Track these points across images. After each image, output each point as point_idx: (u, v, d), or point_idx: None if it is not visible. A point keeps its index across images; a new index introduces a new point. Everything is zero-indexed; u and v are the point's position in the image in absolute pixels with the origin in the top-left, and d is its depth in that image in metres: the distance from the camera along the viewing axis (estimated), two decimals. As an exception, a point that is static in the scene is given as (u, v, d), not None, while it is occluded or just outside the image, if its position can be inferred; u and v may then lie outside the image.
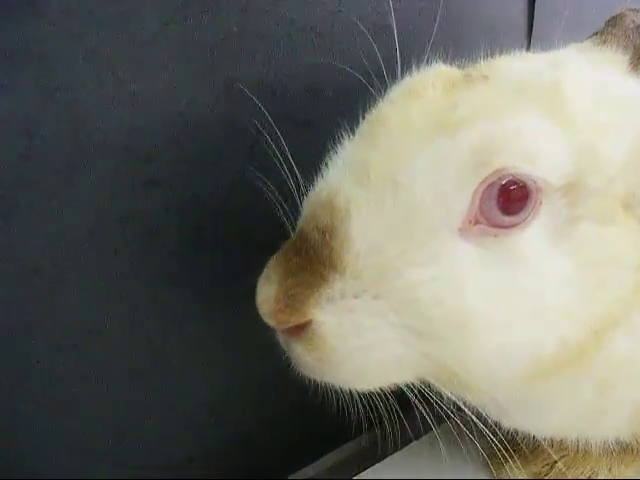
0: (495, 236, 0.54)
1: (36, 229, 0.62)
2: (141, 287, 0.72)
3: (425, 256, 0.53)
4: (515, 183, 0.53)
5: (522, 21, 0.93)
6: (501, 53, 0.65)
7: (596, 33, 0.76)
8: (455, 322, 0.54)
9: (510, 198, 0.53)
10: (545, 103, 0.55)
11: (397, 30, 0.62)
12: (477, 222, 0.54)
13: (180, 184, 0.65)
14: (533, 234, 0.55)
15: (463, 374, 0.57)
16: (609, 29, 0.76)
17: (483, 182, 0.53)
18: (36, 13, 0.57)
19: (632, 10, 0.83)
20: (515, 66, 0.61)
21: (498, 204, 0.53)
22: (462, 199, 0.53)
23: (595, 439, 0.71)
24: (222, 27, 0.63)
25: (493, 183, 0.53)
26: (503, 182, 0.53)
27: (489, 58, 0.64)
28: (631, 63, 0.70)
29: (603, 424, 0.68)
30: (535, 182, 0.53)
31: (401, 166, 0.54)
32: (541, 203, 0.55)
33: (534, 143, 0.53)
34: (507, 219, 0.54)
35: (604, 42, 0.71)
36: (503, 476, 0.79)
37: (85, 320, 0.69)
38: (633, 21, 0.79)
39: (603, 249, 0.57)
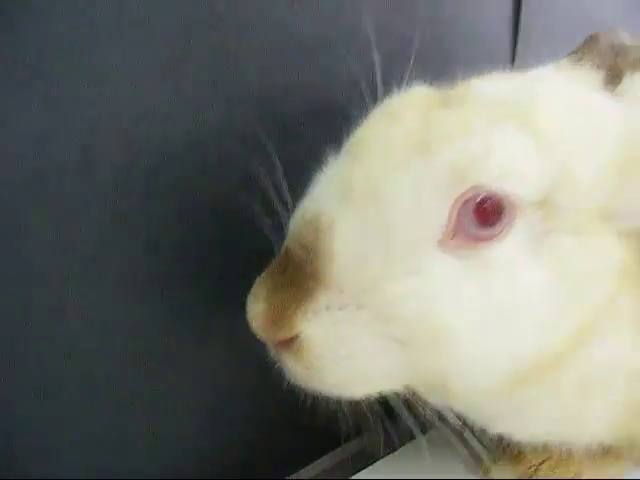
0: (472, 249, 0.57)
1: (44, 244, 0.64)
2: (142, 293, 0.74)
3: (406, 269, 0.56)
4: (490, 198, 0.56)
5: (506, 39, 0.96)
6: (484, 71, 0.68)
7: (573, 52, 0.79)
8: (436, 333, 0.56)
9: (485, 213, 0.56)
10: (520, 121, 0.58)
11: (379, 49, 0.64)
12: (455, 236, 0.57)
13: (181, 198, 0.68)
14: (509, 246, 0.57)
15: (445, 383, 0.60)
16: (585, 48, 0.79)
17: (459, 198, 0.56)
18: (44, 32, 0.59)
19: (608, 31, 0.87)
20: (491, 86, 0.63)
21: (474, 218, 0.56)
22: (440, 214, 0.56)
23: (578, 443, 0.73)
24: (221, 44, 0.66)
25: (469, 199, 0.56)
26: (479, 198, 0.56)
27: (468, 78, 0.66)
28: (605, 81, 0.73)
29: (585, 429, 0.70)
30: (509, 198, 0.56)
31: (382, 184, 0.56)
32: (516, 217, 0.57)
33: (508, 161, 0.56)
34: (483, 232, 0.57)
35: (580, 60, 0.74)
36: (491, 477, 0.81)
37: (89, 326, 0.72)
38: (608, 40, 0.82)
39: (579, 260, 0.59)
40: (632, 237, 0.61)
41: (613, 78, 0.74)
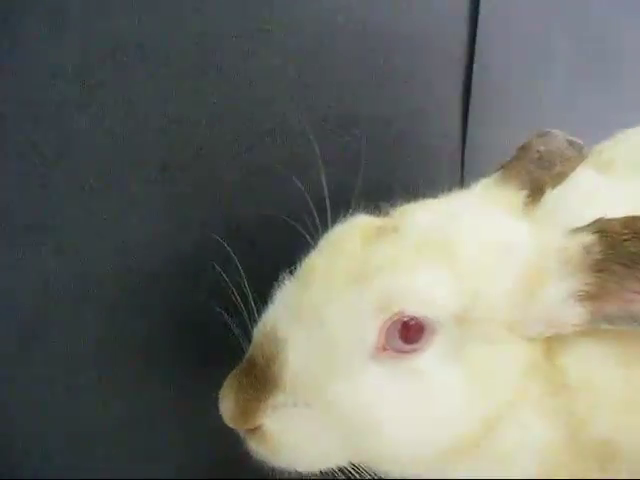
0: (400, 359, 0.70)
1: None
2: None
3: (344, 376, 0.70)
4: (412, 320, 0.69)
5: (456, 147, 1.09)
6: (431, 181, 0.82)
7: (503, 165, 0.92)
8: (368, 427, 0.70)
9: (409, 332, 0.70)
10: (439, 256, 0.71)
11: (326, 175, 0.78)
12: (385, 349, 0.70)
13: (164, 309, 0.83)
14: (430, 356, 0.71)
15: (379, 461, 0.74)
16: (514, 163, 0.92)
17: (387, 321, 0.69)
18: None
19: (540, 136, 0.99)
20: (421, 218, 0.77)
21: (400, 336, 0.70)
22: (371, 333, 0.70)
23: None
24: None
25: (395, 321, 0.69)
26: (403, 320, 0.69)
27: (402, 206, 0.80)
28: (529, 197, 0.86)
29: None
30: (428, 320, 0.70)
31: (324, 309, 0.70)
32: (436, 333, 0.71)
33: (427, 292, 0.69)
34: (408, 347, 0.70)
35: (506, 179, 0.88)
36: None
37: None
38: (538, 151, 0.95)
39: (490, 364, 0.72)
40: (536, 340, 0.75)
41: (536, 192, 0.88)
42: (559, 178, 0.90)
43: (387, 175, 0.89)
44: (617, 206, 0.79)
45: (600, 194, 0.87)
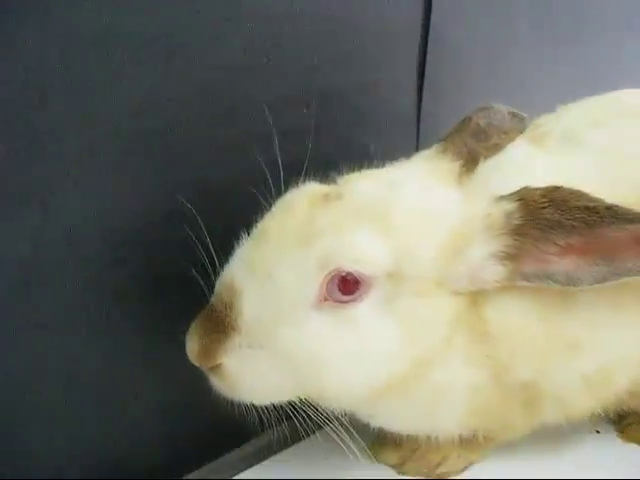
0: (340, 308, 0.82)
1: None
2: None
3: (290, 322, 0.81)
4: (349, 275, 0.81)
5: (411, 119, 1.18)
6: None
7: (443, 138, 1.02)
8: (312, 365, 0.82)
9: (346, 284, 0.81)
10: (377, 220, 0.83)
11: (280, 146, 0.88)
12: (326, 300, 0.82)
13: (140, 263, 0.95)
14: (366, 307, 0.82)
15: (323, 396, 0.86)
16: (453, 135, 1.02)
17: (327, 276, 0.80)
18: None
19: (482, 109, 1.08)
20: (362, 186, 0.87)
21: (338, 288, 0.81)
22: (313, 287, 0.81)
23: (439, 435, 0.98)
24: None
25: (334, 276, 0.81)
26: (341, 276, 0.80)
27: (347, 175, 0.91)
28: (463, 167, 0.96)
29: (439, 426, 0.96)
30: (363, 275, 0.81)
31: (274, 264, 0.82)
32: (371, 286, 0.82)
33: (362, 252, 0.81)
34: (346, 297, 0.82)
35: (444, 151, 0.98)
36: (381, 460, 1.08)
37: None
38: (477, 124, 1.04)
39: (419, 314, 0.84)
40: (461, 294, 0.86)
41: (471, 163, 0.97)
42: (494, 150, 0.99)
43: (344, 147, 0.99)
44: (546, 177, 0.89)
45: (531, 165, 0.96)
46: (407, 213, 0.85)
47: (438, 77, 1.22)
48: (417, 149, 1.08)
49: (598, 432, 1.17)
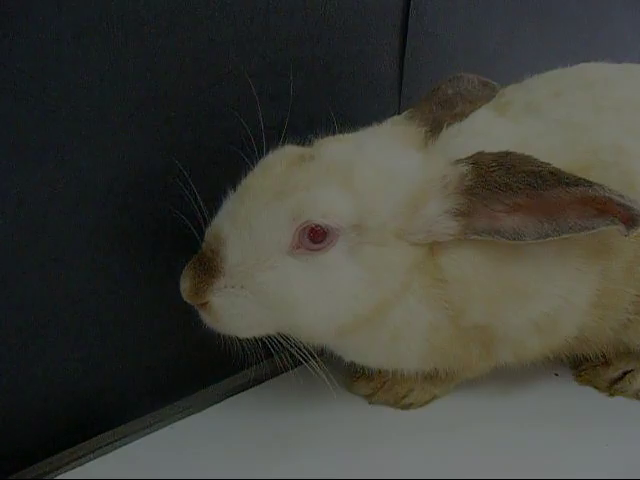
0: (311, 255, 0.94)
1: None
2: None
3: (267, 266, 0.94)
4: (318, 227, 0.92)
5: (393, 86, 1.27)
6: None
7: (413, 105, 1.11)
8: (286, 303, 0.94)
9: (315, 234, 0.93)
10: (342, 179, 0.94)
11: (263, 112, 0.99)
12: (299, 247, 0.94)
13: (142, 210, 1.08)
14: (334, 254, 0.94)
15: (298, 331, 0.98)
16: (422, 103, 1.11)
17: (299, 227, 0.92)
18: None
19: (453, 79, 1.17)
20: (332, 149, 0.98)
21: (309, 237, 0.93)
22: (287, 236, 0.93)
23: (404, 370, 1.11)
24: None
25: (305, 227, 0.92)
26: (311, 226, 0.92)
27: (324, 137, 1.02)
28: (428, 132, 1.06)
29: (402, 362, 1.08)
30: (329, 227, 0.92)
31: (254, 217, 0.94)
32: (338, 235, 0.94)
33: (329, 206, 0.92)
34: (316, 245, 0.93)
35: (412, 117, 1.08)
36: (354, 391, 1.21)
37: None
38: (445, 93, 1.14)
39: (381, 261, 0.96)
40: (419, 245, 0.98)
41: (435, 129, 1.07)
42: (458, 117, 1.08)
43: (327, 113, 1.09)
44: (503, 143, 0.98)
45: (489, 131, 1.05)
46: (370, 171, 0.95)
47: (420, 46, 1.30)
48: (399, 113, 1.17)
49: (557, 375, 1.29)
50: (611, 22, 1.87)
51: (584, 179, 0.87)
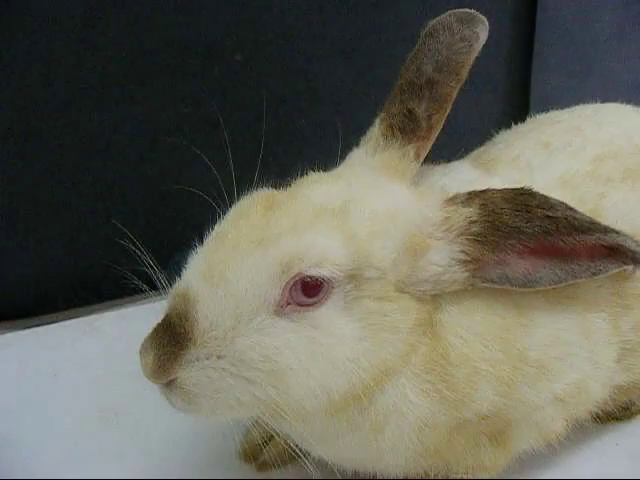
0: (302, 312, 0.79)
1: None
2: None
3: (249, 330, 0.78)
4: (311, 279, 0.78)
5: None
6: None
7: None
8: (273, 373, 0.78)
9: (308, 288, 0.79)
10: (334, 223, 0.81)
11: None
12: (288, 304, 0.79)
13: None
14: (328, 309, 0.80)
15: (280, 408, 0.80)
16: (391, 98, 0.99)
17: (289, 281, 0.78)
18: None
19: (424, 42, 1.00)
20: (318, 189, 0.86)
21: (301, 291, 0.78)
22: (274, 292, 0.78)
23: (389, 473, 0.93)
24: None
25: (297, 281, 0.78)
26: (302, 279, 0.78)
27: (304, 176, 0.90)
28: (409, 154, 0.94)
29: (384, 458, 0.89)
30: (324, 278, 0.78)
31: (231, 270, 0.78)
32: (333, 288, 0.79)
33: (322, 254, 0.78)
34: (308, 300, 0.79)
35: (382, 122, 0.97)
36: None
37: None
38: (416, 74, 0.99)
39: (380, 318, 0.82)
40: (423, 300, 0.85)
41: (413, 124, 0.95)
42: (439, 100, 0.97)
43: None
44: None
45: (477, 182, 0.96)
46: (366, 214, 0.84)
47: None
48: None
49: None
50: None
51: (598, 224, 0.83)
